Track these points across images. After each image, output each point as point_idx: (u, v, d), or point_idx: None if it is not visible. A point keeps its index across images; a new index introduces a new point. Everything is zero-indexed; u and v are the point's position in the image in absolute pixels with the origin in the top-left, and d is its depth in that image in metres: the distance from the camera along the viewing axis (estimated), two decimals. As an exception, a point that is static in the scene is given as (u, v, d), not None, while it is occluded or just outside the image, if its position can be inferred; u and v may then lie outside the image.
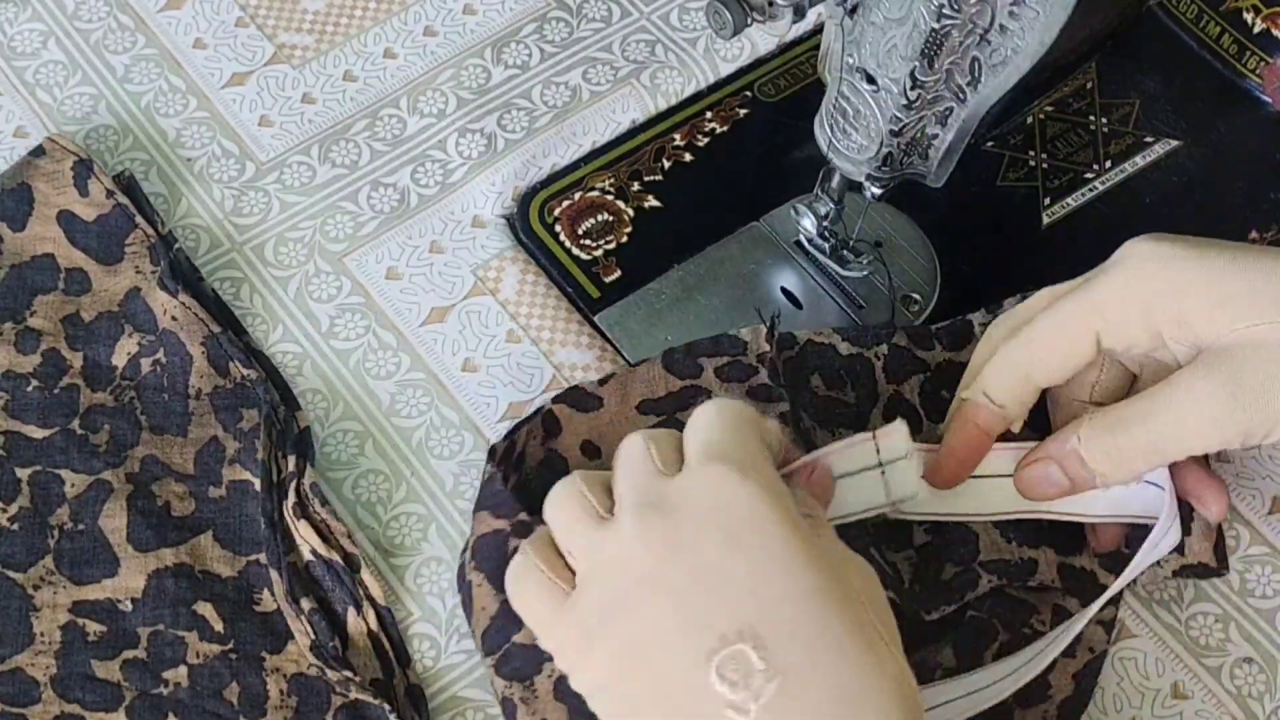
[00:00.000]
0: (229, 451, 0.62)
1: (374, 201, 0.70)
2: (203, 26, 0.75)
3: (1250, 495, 0.62)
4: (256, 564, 0.60)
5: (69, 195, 0.67)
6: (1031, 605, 0.58)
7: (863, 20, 0.54)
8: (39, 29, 0.75)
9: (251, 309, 0.67)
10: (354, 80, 0.74)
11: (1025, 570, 0.58)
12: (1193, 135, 0.72)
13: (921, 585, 0.58)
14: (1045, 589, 0.58)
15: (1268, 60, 0.72)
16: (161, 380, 0.63)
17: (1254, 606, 0.60)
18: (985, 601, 0.58)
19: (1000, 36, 0.52)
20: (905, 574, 0.58)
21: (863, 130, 0.58)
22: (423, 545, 0.61)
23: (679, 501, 0.47)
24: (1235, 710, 0.58)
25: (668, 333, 0.65)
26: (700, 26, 0.76)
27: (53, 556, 0.59)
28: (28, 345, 0.64)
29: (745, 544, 0.46)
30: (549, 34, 0.75)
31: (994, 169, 0.71)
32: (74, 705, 0.56)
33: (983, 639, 0.57)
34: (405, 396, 0.65)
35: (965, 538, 0.58)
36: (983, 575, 0.57)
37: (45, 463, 0.61)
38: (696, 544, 0.46)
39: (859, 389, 0.60)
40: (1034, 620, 0.58)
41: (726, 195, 0.70)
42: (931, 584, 0.58)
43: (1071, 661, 0.57)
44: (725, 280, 0.67)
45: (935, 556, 0.58)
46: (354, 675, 0.56)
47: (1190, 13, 0.74)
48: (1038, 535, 0.58)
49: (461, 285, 0.68)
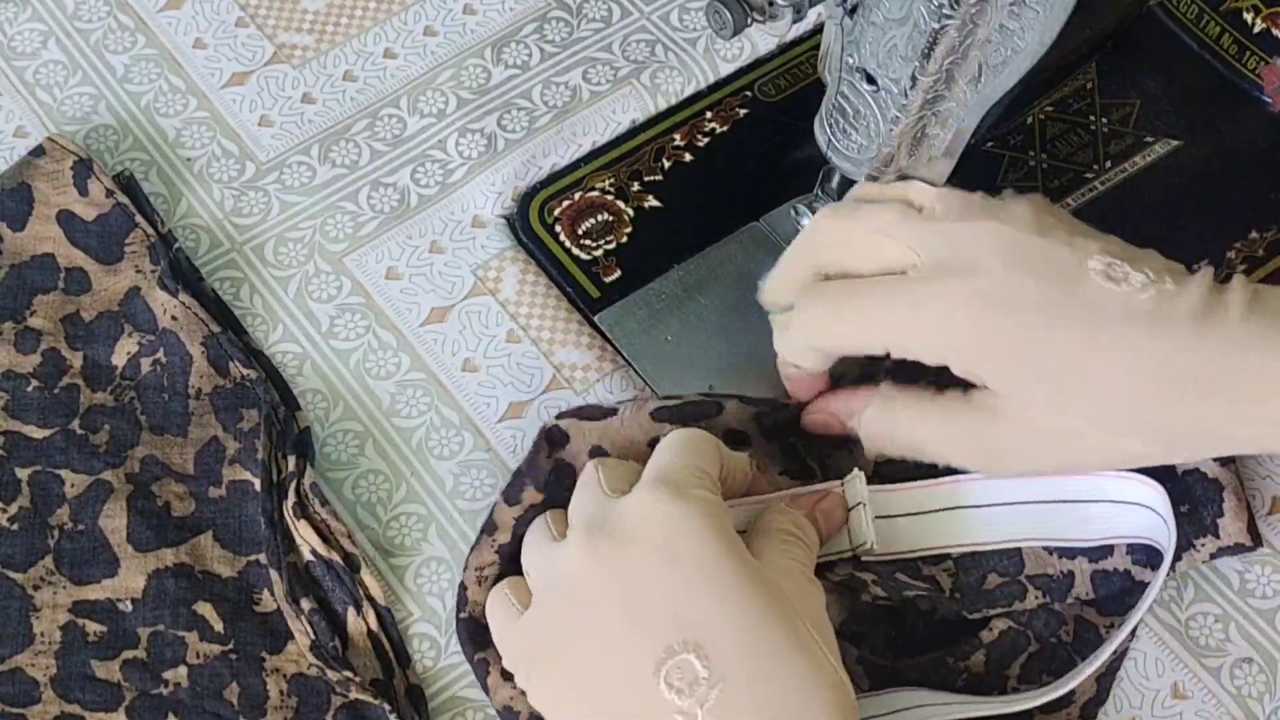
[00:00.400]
0: (229, 451, 0.62)
1: (374, 201, 0.70)
2: (203, 26, 0.75)
3: (1250, 495, 0.62)
4: (256, 564, 0.60)
5: (69, 195, 0.67)
6: (1060, 615, 0.58)
7: (863, 20, 0.54)
8: (39, 29, 0.75)
9: (251, 309, 0.67)
10: (354, 80, 0.74)
11: (1065, 586, 0.58)
12: (1193, 135, 0.72)
13: (963, 593, 0.58)
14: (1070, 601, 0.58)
15: (1268, 60, 0.72)
16: (161, 380, 0.63)
17: (1254, 606, 0.60)
18: (1025, 615, 0.58)
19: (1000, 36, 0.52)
20: (945, 585, 0.58)
21: (863, 130, 0.58)
22: (423, 545, 0.61)
23: (619, 523, 0.51)
24: (1235, 710, 0.58)
25: (668, 333, 0.66)
26: (700, 26, 0.76)
27: (53, 556, 0.59)
28: (28, 345, 0.64)
29: (681, 561, 0.49)
30: (549, 34, 0.75)
31: (994, 169, 0.71)
32: (74, 705, 0.56)
33: (1014, 652, 0.57)
34: (405, 397, 0.65)
35: (1008, 550, 0.58)
36: (1030, 589, 0.58)
37: (45, 463, 0.61)
38: (637, 563, 0.49)
39: None
40: (1061, 631, 0.58)
41: (726, 195, 0.70)
42: (974, 592, 0.58)
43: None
44: (725, 280, 0.67)
45: (977, 567, 0.58)
46: (354, 675, 0.56)
47: (1190, 13, 0.74)
48: (1072, 547, 0.58)
49: (461, 285, 0.68)
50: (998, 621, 0.58)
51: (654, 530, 0.50)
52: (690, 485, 0.51)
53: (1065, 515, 0.58)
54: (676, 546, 0.49)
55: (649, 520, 0.50)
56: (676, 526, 0.50)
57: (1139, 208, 0.70)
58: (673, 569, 0.49)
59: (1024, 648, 0.57)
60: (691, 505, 0.50)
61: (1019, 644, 0.57)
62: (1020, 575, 0.58)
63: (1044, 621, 0.58)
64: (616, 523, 0.51)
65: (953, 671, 0.57)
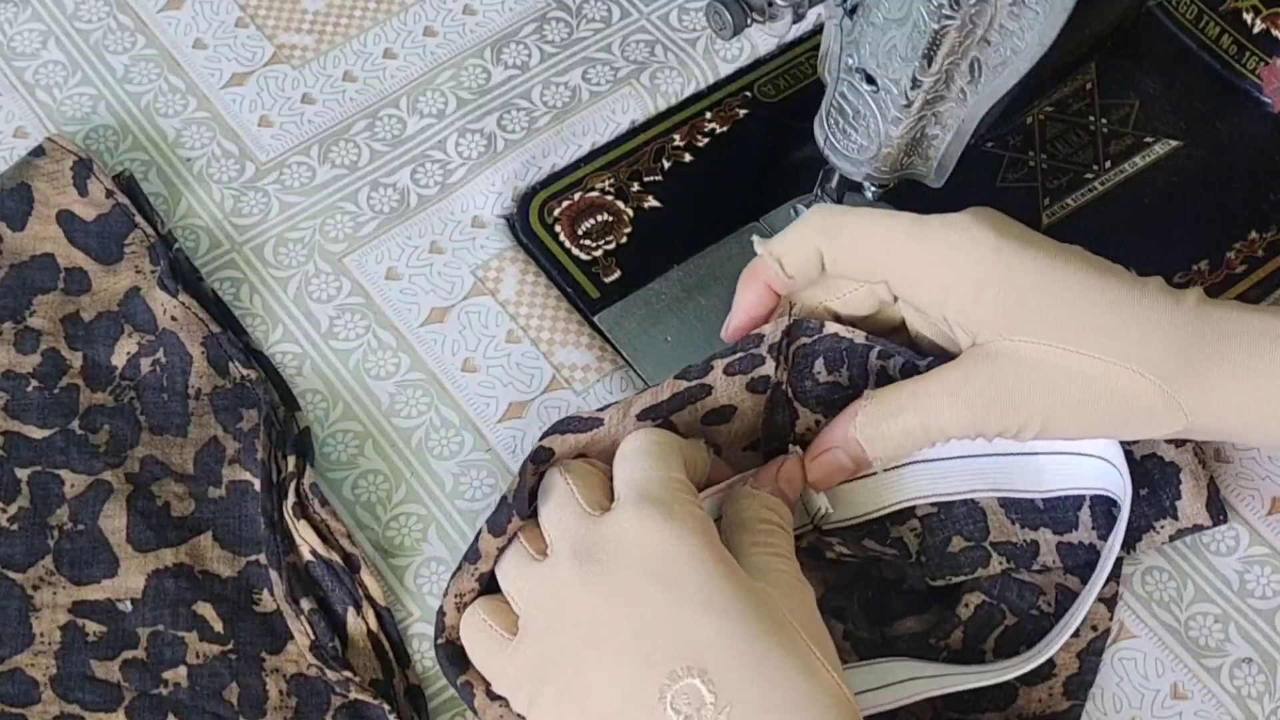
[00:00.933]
0: (229, 452, 0.62)
1: (374, 202, 0.70)
2: (203, 27, 0.75)
3: (1250, 495, 0.62)
4: (256, 564, 0.60)
5: (69, 195, 0.67)
6: (1037, 587, 0.59)
7: (862, 21, 0.54)
8: (39, 29, 0.75)
9: (251, 309, 0.67)
10: (354, 80, 0.74)
11: (1030, 554, 0.59)
12: (1193, 135, 0.72)
13: (928, 556, 0.59)
14: (1047, 569, 0.59)
15: (1267, 60, 0.72)
16: (161, 380, 0.63)
17: (1254, 606, 0.60)
18: (995, 586, 0.58)
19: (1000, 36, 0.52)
20: (912, 545, 0.59)
21: (862, 130, 0.58)
22: (422, 545, 0.61)
23: (611, 548, 0.50)
24: (1235, 711, 0.58)
25: (668, 333, 0.66)
26: (700, 27, 0.76)
27: (52, 556, 0.59)
28: (27, 345, 0.64)
29: (677, 584, 0.49)
30: (549, 34, 0.75)
31: (994, 169, 0.71)
32: (74, 705, 0.56)
33: (989, 626, 0.58)
34: (405, 397, 0.65)
35: (973, 513, 0.59)
36: (993, 555, 0.59)
37: (45, 463, 0.61)
38: (635, 591, 0.49)
39: (852, 368, 0.60)
40: (1040, 602, 0.59)
41: (726, 195, 0.70)
42: (939, 555, 0.59)
43: (1076, 641, 0.58)
44: (725, 280, 0.67)
45: (941, 528, 0.59)
46: (354, 675, 0.56)
47: (1190, 13, 0.74)
48: (1034, 516, 0.59)
49: (461, 285, 0.68)
50: (971, 597, 0.58)
51: (649, 553, 0.50)
52: (676, 502, 0.51)
53: (1019, 468, 0.59)
54: (671, 569, 0.49)
55: (641, 543, 0.50)
56: (670, 549, 0.50)
57: (1139, 208, 0.70)
58: (669, 593, 0.49)
59: (999, 621, 0.58)
60: (682, 525, 0.50)
61: (994, 618, 0.58)
62: (984, 541, 0.59)
63: (1017, 593, 0.58)
64: (606, 546, 0.50)
65: (934, 650, 0.58)
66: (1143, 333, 0.52)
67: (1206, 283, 0.67)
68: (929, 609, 0.59)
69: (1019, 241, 0.53)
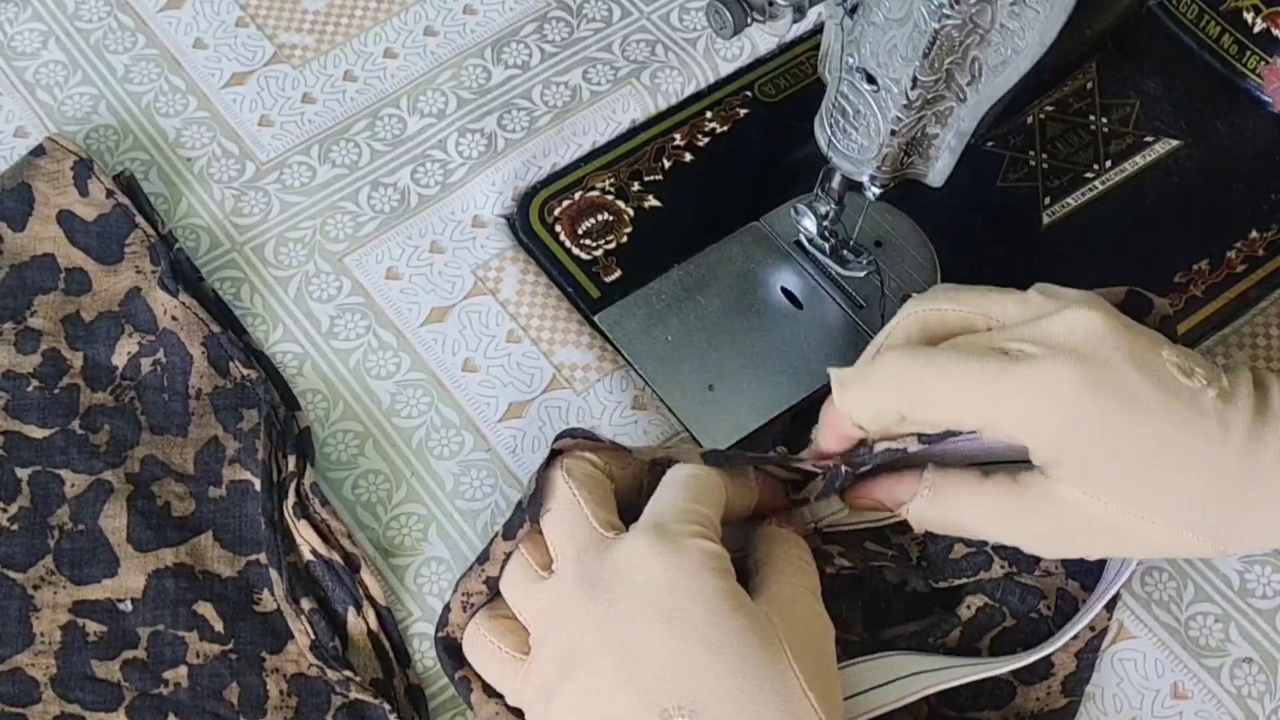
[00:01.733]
0: (229, 451, 0.62)
1: (374, 201, 0.70)
2: (203, 26, 0.75)
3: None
4: (256, 564, 0.60)
5: (69, 195, 0.67)
6: (1039, 591, 0.59)
7: (863, 20, 0.54)
8: (39, 29, 0.75)
9: (251, 309, 0.67)
10: (354, 80, 0.74)
11: (1032, 558, 0.59)
12: (1193, 135, 0.72)
13: (929, 561, 0.59)
14: (1049, 574, 0.59)
15: (1268, 60, 0.72)
16: (161, 380, 0.63)
17: (1254, 606, 0.60)
18: (998, 589, 0.59)
19: (1000, 36, 0.52)
20: (913, 552, 0.60)
21: (863, 130, 0.58)
22: (423, 545, 0.61)
23: (619, 578, 0.50)
24: (1235, 710, 0.58)
25: (668, 333, 0.66)
26: (700, 26, 0.76)
27: (53, 556, 0.59)
28: (28, 345, 0.64)
29: (678, 619, 0.49)
30: (549, 34, 0.75)
31: (994, 169, 0.71)
32: (74, 705, 0.56)
33: (988, 626, 0.58)
34: (405, 396, 0.65)
35: None
36: (995, 558, 0.59)
37: (45, 463, 0.61)
38: (635, 619, 0.50)
39: None
40: (1040, 605, 0.59)
41: (726, 195, 0.70)
42: (941, 560, 0.59)
43: (1074, 641, 0.58)
44: (725, 280, 0.67)
45: (945, 536, 0.59)
46: (354, 675, 0.56)
47: (1190, 13, 0.74)
48: None
49: (461, 285, 0.68)
50: (974, 599, 0.58)
51: (655, 583, 0.50)
52: (684, 534, 0.51)
53: None
54: (674, 603, 0.49)
55: (647, 571, 0.50)
56: (675, 581, 0.50)
57: (1139, 208, 0.70)
58: (669, 627, 0.49)
59: (998, 622, 0.58)
60: (687, 557, 0.50)
61: (994, 619, 0.58)
62: (986, 546, 0.59)
63: (1019, 597, 0.59)
64: (615, 574, 0.50)
65: (931, 648, 0.58)
66: (1203, 496, 0.51)
67: (1206, 282, 0.67)
68: (930, 613, 0.59)
69: (1103, 390, 0.51)
